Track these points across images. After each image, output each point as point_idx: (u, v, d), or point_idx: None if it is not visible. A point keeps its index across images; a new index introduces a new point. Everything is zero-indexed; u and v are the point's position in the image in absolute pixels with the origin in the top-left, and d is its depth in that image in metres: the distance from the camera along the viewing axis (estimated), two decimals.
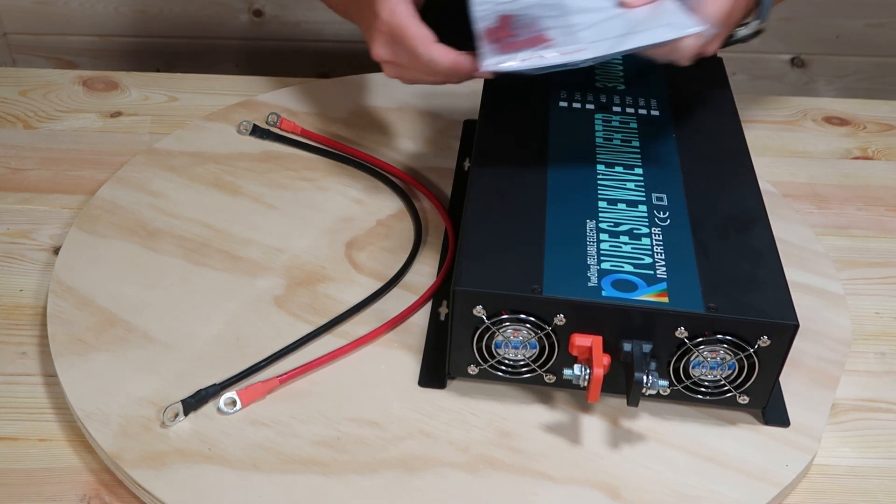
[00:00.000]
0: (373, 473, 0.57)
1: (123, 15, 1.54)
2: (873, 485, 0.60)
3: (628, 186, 0.66)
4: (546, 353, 0.59)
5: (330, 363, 0.63)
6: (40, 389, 0.64)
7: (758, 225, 0.63)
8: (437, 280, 0.70)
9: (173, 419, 0.59)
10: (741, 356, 0.57)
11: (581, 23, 0.62)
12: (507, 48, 0.60)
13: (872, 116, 0.97)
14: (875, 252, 0.79)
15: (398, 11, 0.64)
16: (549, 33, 0.61)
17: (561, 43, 0.60)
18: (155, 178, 0.80)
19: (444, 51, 0.63)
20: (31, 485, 0.58)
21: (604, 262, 0.59)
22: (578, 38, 0.60)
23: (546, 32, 0.61)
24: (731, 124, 0.74)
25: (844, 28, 1.58)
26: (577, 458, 0.58)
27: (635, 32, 0.61)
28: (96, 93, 0.96)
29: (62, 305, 0.67)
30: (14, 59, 1.60)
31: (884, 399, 0.66)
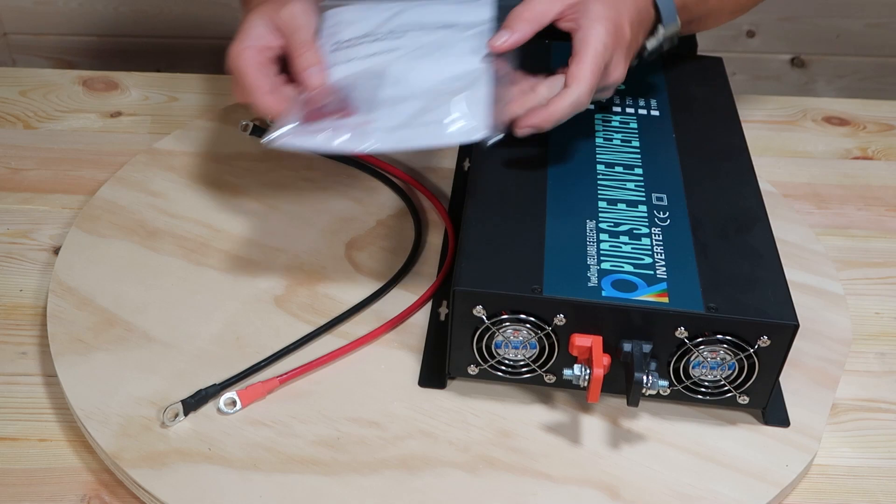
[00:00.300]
0: (373, 473, 0.57)
1: (123, 15, 1.54)
2: (873, 485, 0.60)
3: (628, 186, 0.66)
4: (546, 353, 0.59)
5: (330, 363, 0.63)
6: (40, 389, 0.64)
7: (758, 225, 0.63)
8: (437, 280, 0.70)
9: (173, 419, 0.59)
10: (741, 356, 0.57)
11: (383, 112, 0.63)
12: (309, 118, 0.62)
13: (872, 116, 0.97)
14: (875, 252, 0.79)
15: (243, 57, 0.66)
16: (352, 118, 0.62)
17: (357, 120, 0.62)
18: (155, 178, 0.80)
19: (274, 101, 0.65)
20: (31, 485, 0.58)
21: (604, 263, 0.59)
22: (375, 128, 0.61)
23: (351, 116, 0.62)
24: (731, 124, 0.74)
25: (844, 28, 1.58)
26: (577, 458, 0.58)
27: (420, 126, 0.61)
28: (96, 93, 0.96)
29: (62, 305, 0.67)
30: (14, 59, 1.60)
31: (884, 399, 0.66)
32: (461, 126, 0.60)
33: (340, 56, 0.68)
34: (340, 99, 0.64)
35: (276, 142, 0.61)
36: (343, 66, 0.67)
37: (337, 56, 0.68)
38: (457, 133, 0.60)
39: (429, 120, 0.61)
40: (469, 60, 0.66)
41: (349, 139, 0.61)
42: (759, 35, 1.59)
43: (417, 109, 0.62)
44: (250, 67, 0.66)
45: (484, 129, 0.59)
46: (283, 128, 0.62)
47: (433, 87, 0.64)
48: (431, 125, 0.61)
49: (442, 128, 0.60)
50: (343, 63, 0.68)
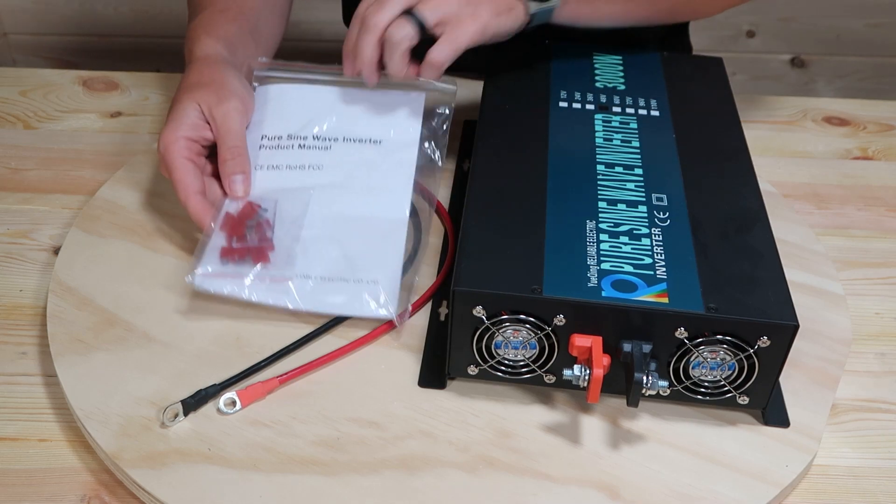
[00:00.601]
0: (373, 473, 0.57)
1: (123, 15, 1.54)
2: (873, 485, 0.60)
3: (628, 187, 0.66)
4: (546, 353, 0.59)
5: (330, 363, 0.63)
6: (40, 389, 0.64)
7: (758, 225, 0.63)
8: (437, 280, 0.70)
9: (173, 419, 0.59)
10: (741, 356, 0.57)
11: (301, 264, 0.66)
12: (230, 253, 0.65)
13: (872, 116, 0.97)
14: (875, 252, 0.79)
15: (175, 148, 0.67)
16: (273, 254, 0.66)
17: (276, 267, 0.65)
18: (155, 178, 0.80)
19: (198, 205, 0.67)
20: (31, 485, 0.58)
21: (604, 263, 0.59)
22: (292, 275, 0.65)
23: (270, 252, 0.66)
24: (731, 124, 0.74)
25: (844, 28, 1.58)
26: (577, 458, 0.58)
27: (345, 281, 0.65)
28: (96, 93, 0.96)
29: (62, 305, 0.67)
30: (14, 59, 1.60)
31: (884, 399, 0.66)
32: (374, 305, 0.64)
33: (264, 156, 0.71)
34: (261, 232, 0.66)
35: (196, 283, 0.64)
36: (267, 174, 0.70)
37: (261, 155, 0.70)
38: (371, 309, 0.64)
39: (345, 290, 0.65)
40: (391, 207, 0.69)
41: (266, 292, 0.64)
42: (759, 35, 1.59)
43: (335, 273, 0.66)
44: (179, 162, 0.67)
45: (394, 310, 0.64)
46: (203, 266, 0.64)
47: (351, 248, 0.67)
48: (348, 296, 0.65)
49: (358, 302, 0.64)
50: (266, 169, 0.70)
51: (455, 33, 0.63)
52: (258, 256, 0.65)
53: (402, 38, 0.63)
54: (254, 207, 0.68)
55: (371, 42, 0.64)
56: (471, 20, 0.63)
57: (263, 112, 0.73)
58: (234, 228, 0.67)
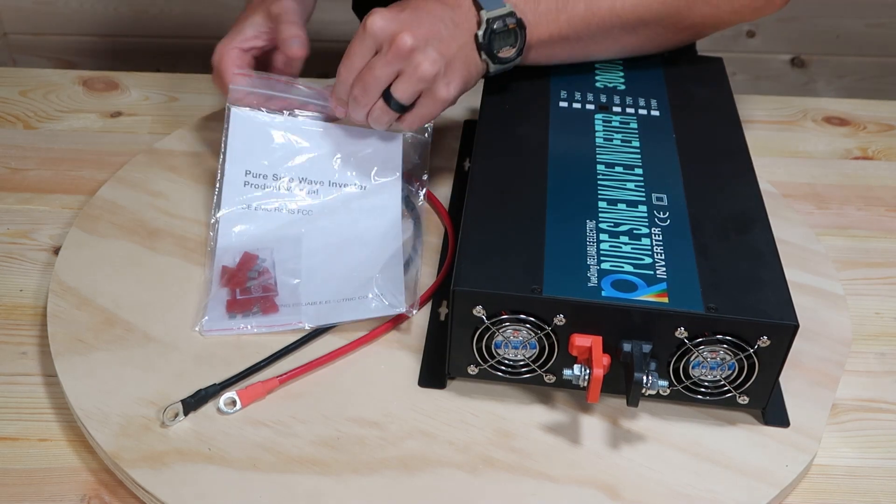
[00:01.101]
0: (372, 473, 0.57)
1: (123, 15, 1.54)
2: (873, 485, 0.60)
3: (628, 186, 0.66)
4: (546, 353, 0.59)
5: (330, 363, 0.63)
6: (40, 389, 0.64)
7: (758, 225, 0.63)
8: (437, 280, 0.70)
9: (173, 419, 0.59)
10: (741, 356, 0.57)
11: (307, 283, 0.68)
12: (236, 306, 0.66)
13: (872, 116, 0.97)
14: (875, 252, 0.79)
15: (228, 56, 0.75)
16: (278, 299, 0.67)
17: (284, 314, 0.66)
18: (155, 178, 0.80)
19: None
20: (31, 485, 0.58)
21: (604, 263, 0.59)
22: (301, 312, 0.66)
23: (276, 297, 0.67)
24: (731, 124, 0.74)
25: (844, 28, 1.58)
26: (576, 458, 0.58)
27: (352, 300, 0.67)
28: (96, 93, 0.96)
29: (62, 305, 0.67)
30: (14, 59, 1.60)
31: (884, 399, 0.66)
32: (381, 303, 0.66)
33: (251, 195, 0.72)
34: (264, 281, 0.68)
35: (207, 331, 0.65)
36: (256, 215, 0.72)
37: (247, 192, 0.72)
38: (379, 308, 0.65)
39: (351, 296, 0.67)
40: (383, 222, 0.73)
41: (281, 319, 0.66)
42: (759, 35, 1.59)
43: (340, 295, 0.67)
44: (232, 66, 0.74)
45: (401, 305, 0.65)
46: (209, 322, 0.65)
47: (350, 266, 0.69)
48: (355, 301, 0.66)
49: (365, 303, 0.66)
50: (255, 209, 0.72)
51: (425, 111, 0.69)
52: (266, 307, 0.66)
53: (388, 121, 0.69)
54: (252, 257, 0.69)
55: (362, 115, 0.70)
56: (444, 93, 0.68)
57: (240, 142, 0.73)
58: (235, 280, 0.68)
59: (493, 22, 0.68)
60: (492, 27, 0.68)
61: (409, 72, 0.65)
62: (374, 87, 0.67)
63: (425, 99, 0.68)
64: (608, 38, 0.73)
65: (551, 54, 0.74)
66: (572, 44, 0.73)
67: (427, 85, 0.66)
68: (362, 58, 0.67)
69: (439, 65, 0.66)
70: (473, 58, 0.69)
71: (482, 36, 0.68)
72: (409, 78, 0.66)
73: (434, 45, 0.66)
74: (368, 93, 0.67)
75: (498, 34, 0.68)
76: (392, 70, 0.66)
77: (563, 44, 0.72)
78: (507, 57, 0.70)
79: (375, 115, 0.69)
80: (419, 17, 0.66)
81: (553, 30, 0.71)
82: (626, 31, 0.73)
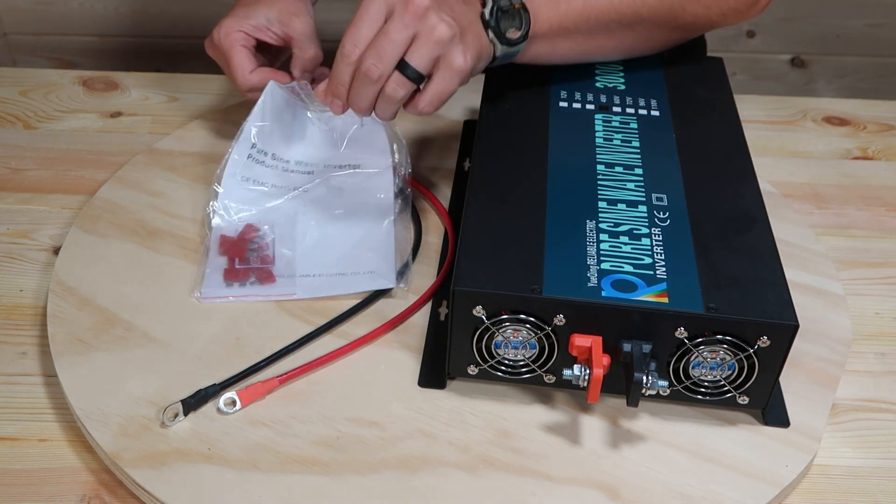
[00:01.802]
0: (372, 473, 0.57)
1: (123, 15, 1.54)
2: (873, 485, 0.60)
3: (628, 187, 0.66)
4: (546, 353, 0.59)
5: (330, 363, 0.63)
6: (40, 389, 0.64)
7: (758, 225, 0.63)
8: (437, 280, 0.70)
9: (173, 419, 0.59)
10: (741, 356, 0.57)
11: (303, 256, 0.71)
12: (234, 274, 0.69)
13: (872, 116, 0.97)
14: (875, 252, 0.79)
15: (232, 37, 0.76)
16: (275, 270, 0.69)
17: (280, 285, 0.68)
18: (155, 178, 0.80)
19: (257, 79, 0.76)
20: (31, 485, 0.58)
21: (604, 263, 0.59)
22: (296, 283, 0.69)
23: (273, 268, 0.70)
24: (731, 124, 0.74)
25: (844, 28, 1.58)
26: (576, 458, 0.58)
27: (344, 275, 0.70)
28: (96, 93, 0.96)
29: (62, 305, 0.67)
30: (14, 59, 1.60)
31: (884, 399, 0.66)
32: (372, 277, 0.69)
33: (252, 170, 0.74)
34: (264, 254, 0.70)
35: (205, 298, 0.67)
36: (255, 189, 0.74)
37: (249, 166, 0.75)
38: (369, 282, 0.68)
39: (344, 271, 0.70)
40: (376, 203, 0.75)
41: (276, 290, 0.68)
42: (759, 35, 1.59)
43: (335, 269, 0.70)
44: (237, 49, 0.76)
45: (391, 280, 0.68)
46: (206, 288, 0.68)
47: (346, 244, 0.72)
48: (347, 276, 0.69)
49: (358, 279, 0.69)
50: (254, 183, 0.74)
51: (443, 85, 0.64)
52: (263, 277, 0.68)
53: (403, 95, 0.63)
54: (253, 229, 0.72)
55: (371, 95, 0.63)
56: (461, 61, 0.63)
57: (262, 114, 0.75)
58: (235, 250, 0.69)
59: (500, 0, 0.67)
60: (498, 4, 0.66)
61: (426, 34, 0.61)
62: (391, 52, 0.61)
63: (441, 70, 0.63)
64: (606, 33, 0.73)
65: (552, 49, 0.73)
66: (572, 37, 0.73)
67: (444, 50, 0.62)
68: (372, 25, 0.62)
69: (455, 29, 0.62)
70: (482, 35, 0.66)
71: (489, 13, 0.66)
72: (426, 41, 0.61)
73: (447, 11, 0.62)
74: (384, 60, 0.61)
75: (505, 13, 0.67)
76: (410, 33, 0.61)
77: (563, 37, 0.72)
78: (515, 38, 0.67)
79: (390, 90, 0.62)
80: None
81: (553, 19, 0.70)
82: (623, 27, 0.73)
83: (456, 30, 0.62)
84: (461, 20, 0.63)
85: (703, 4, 0.74)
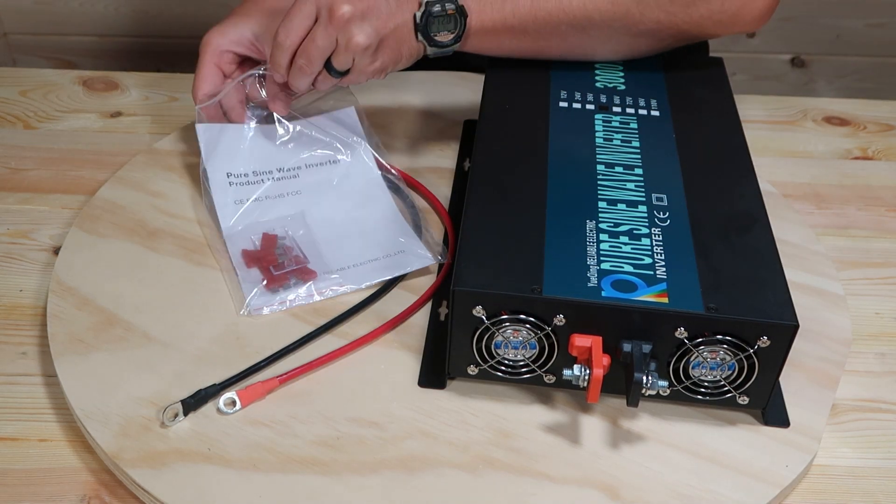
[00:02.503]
0: (372, 473, 0.57)
1: (123, 15, 1.54)
2: (873, 485, 0.60)
3: (628, 187, 0.66)
4: (546, 353, 0.59)
5: (330, 363, 0.63)
6: (40, 389, 0.64)
7: (758, 225, 0.63)
8: (437, 280, 0.70)
9: (173, 419, 0.59)
10: (741, 356, 0.57)
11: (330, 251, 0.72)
12: (275, 281, 0.68)
13: (872, 116, 0.97)
14: (875, 252, 0.79)
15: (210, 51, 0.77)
16: (312, 266, 0.70)
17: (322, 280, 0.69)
18: (155, 178, 0.80)
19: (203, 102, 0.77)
20: (31, 485, 0.58)
21: (603, 263, 0.59)
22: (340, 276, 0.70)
23: (309, 265, 0.70)
24: (731, 124, 0.74)
25: (844, 28, 1.58)
26: (576, 458, 0.58)
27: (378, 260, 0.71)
28: (96, 93, 0.96)
29: (62, 305, 0.67)
30: (14, 59, 1.60)
31: (884, 399, 0.66)
32: (408, 255, 0.71)
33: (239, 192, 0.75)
34: (293, 254, 0.71)
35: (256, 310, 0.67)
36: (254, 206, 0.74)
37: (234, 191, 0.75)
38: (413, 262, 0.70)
39: (378, 256, 0.71)
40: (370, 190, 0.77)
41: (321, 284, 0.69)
42: (759, 35, 1.59)
43: (360, 251, 0.72)
44: (207, 64, 0.76)
45: (431, 257, 0.70)
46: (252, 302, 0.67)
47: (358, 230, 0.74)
48: (387, 259, 0.71)
49: (396, 260, 0.70)
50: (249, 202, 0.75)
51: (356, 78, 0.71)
52: (304, 276, 0.69)
53: (331, 84, 0.72)
54: (272, 237, 0.72)
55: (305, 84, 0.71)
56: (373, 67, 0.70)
57: (217, 150, 0.76)
58: (264, 259, 0.70)
59: (432, 5, 0.69)
60: (430, 10, 0.69)
61: (343, 43, 0.68)
62: (317, 57, 0.68)
63: (355, 72, 0.70)
64: (557, 34, 0.74)
65: (498, 44, 0.74)
66: (520, 36, 0.73)
67: (360, 57, 0.69)
68: (301, 22, 0.68)
69: (372, 39, 0.68)
70: (409, 38, 0.70)
71: (420, 17, 0.69)
72: (345, 49, 0.68)
73: (370, 20, 0.67)
74: (313, 63, 0.69)
75: (435, 18, 0.69)
76: (332, 40, 0.68)
77: (510, 35, 0.73)
78: (444, 42, 0.71)
79: (319, 82, 0.71)
80: None
81: (497, 18, 0.72)
82: (575, 30, 0.73)
83: (373, 39, 0.68)
84: (383, 28, 0.69)
85: (664, 10, 0.72)
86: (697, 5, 0.72)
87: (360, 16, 0.67)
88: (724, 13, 0.72)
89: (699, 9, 0.72)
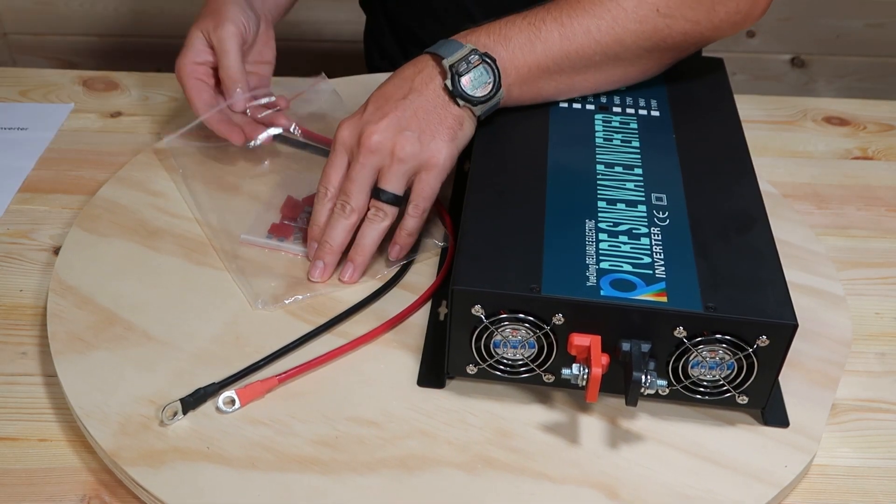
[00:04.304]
0: (371, 473, 0.57)
1: (123, 15, 1.54)
2: (873, 485, 0.60)
3: (628, 186, 0.66)
4: (545, 352, 0.59)
5: (329, 363, 0.63)
6: (40, 389, 0.64)
7: (757, 225, 0.63)
8: (437, 280, 0.70)
9: (172, 418, 0.59)
10: (740, 356, 0.57)
11: None
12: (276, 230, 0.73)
13: (872, 116, 0.97)
14: (875, 252, 0.79)
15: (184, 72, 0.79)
16: None
17: None
18: (155, 178, 0.80)
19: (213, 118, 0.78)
20: (31, 485, 0.58)
21: (603, 262, 0.59)
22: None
23: None
24: (731, 124, 0.74)
25: (844, 28, 1.58)
26: (575, 458, 0.58)
27: None
28: (96, 93, 0.96)
29: (62, 304, 0.67)
30: (14, 59, 1.60)
31: (884, 399, 0.66)
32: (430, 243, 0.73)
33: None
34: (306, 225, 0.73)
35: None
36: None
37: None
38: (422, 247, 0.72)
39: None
40: None
41: None
42: (759, 35, 1.59)
43: None
44: (190, 82, 0.78)
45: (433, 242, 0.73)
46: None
47: None
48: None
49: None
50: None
51: (421, 197, 0.68)
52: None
53: (382, 218, 0.68)
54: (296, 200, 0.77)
55: (343, 229, 0.68)
56: (434, 161, 0.67)
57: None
58: (292, 212, 0.75)
59: (457, 66, 0.67)
60: (456, 70, 0.67)
61: (388, 162, 0.66)
62: (355, 191, 0.67)
63: (421, 174, 0.67)
64: (594, 67, 0.72)
65: (539, 89, 0.72)
66: (556, 76, 0.71)
67: (415, 162, 0.66)
68: (337, 171, 0.68)
69: (413, 139, 0.66)
70: (449, 111, 0.68)
71: (451, 84, 0.67)
72: (391, 166, 0.66)
73: (402, 129, 0.66)
74: (352, 198, 0.67)
75: (464, 75, 0.67)
76: (370, 170, 0.66)
77: (547, 77, 0.71)
78: (487, 94, 0.68)
79: (370, 214, 0.67)
80: (379, 107, 0.67)
81: (531, 61, 0.69)
82: (608, 57, 0.71)
83: (414, 139, 0.66)
84: (417, 123, 0.67)
85: (691, 21, 0.71)
86: (717, 10, 0.71)
87: (390, 132, 0.66)
88: (738, 13, 0.73)
89: (719, 13, 0.72)
